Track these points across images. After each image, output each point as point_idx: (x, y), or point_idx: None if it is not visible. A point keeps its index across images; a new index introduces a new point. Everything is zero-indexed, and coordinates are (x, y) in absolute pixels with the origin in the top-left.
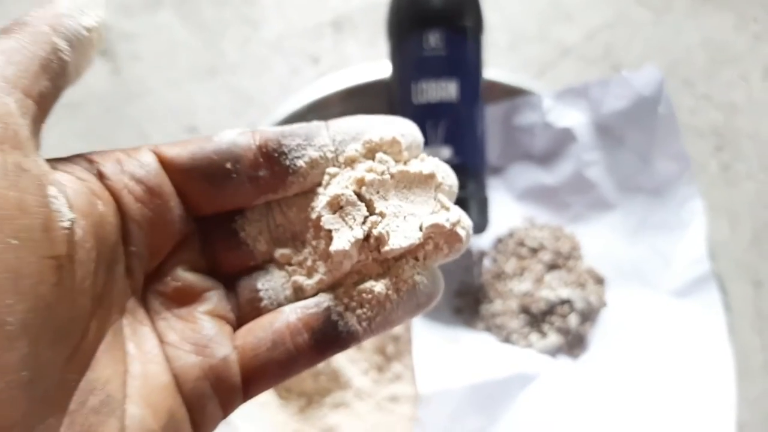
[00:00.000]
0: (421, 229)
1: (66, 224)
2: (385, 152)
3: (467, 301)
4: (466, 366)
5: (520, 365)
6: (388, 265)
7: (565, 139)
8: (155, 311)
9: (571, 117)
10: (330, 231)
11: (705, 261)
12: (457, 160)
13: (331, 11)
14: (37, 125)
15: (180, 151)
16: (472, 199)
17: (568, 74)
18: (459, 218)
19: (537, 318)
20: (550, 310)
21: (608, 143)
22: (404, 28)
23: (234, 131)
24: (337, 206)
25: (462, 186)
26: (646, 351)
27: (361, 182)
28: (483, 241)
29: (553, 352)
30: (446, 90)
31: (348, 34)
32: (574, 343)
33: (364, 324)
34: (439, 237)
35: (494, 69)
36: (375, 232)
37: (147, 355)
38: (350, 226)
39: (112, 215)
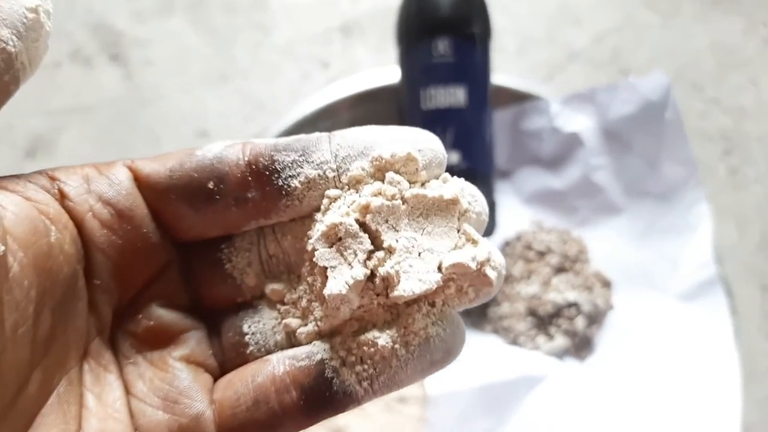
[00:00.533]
0: (440, 269)
1: None
2: (397, 171)
3: None
4: (474, 368)
5: (528, 367)
6: (397, 311)
7: (572, 143)
8: (124, 354)
9: (579, 122)
10: (325, 269)
11: (711, 265)
12: (465, 164)
13: (339, 17)
14: None
15: (158, 167)
16: None
17: (576, 78)
18: (488, 255)
19: (544, 320)
20: (557, 312)
21: (615, 148)
22: (413, 35)
23: (221, 144)
24: (334, 238)
25: None
26: (652, 353)
27: (365, 209)
28: None
29: (560, 354)
30: (454, 96)
31: (357, 39)
32: (581, 346)
33: (365, 384)
34: (462, 279)
35: (502, 74)
36: (381, 271)
37: (107, 410)
38: (350, 264)
39: (68, 243)
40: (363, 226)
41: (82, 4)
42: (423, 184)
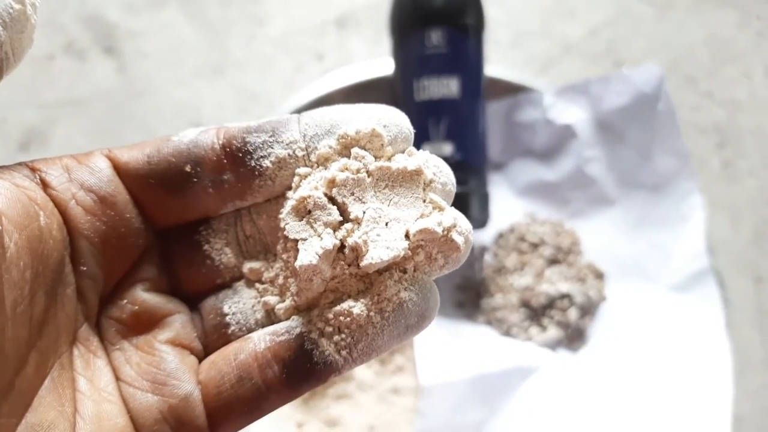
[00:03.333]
0: (407, 236)
1: None
2: (363, 147)
3: (468, 295)
4: (467, 359)
5: (521, 358)
6: (370, 280)
7: (565, 135)
8: (109, 341)
9: (572, 113)
10: (296, 242)
11: (704, 256)
12: (458, 156)
13: (334, 9)
14: None
15: (136, 154)
16: (473, 194)
17: (571, 70)
18: (454, 221)
19: (537, 312)
20: (550, 304)
21: (608, 140)
22: (406, 27)
23: (196, 130)
24: (303, 211)
25: (464, 182)
26: (644, 344)
27: (331, 183)
28: (484, 236)
29: (553, 345)
30: (448, 87)
31: (352, 31)
32: (573, 337)
33: (344, 353)
34: (431, 245)
35: (496, 66)
36: (350, 242)
37: (101, 393)
38: (319, 235)
39: (56, 229)
40: (331, 199)
41: None
42: (389, 159)
